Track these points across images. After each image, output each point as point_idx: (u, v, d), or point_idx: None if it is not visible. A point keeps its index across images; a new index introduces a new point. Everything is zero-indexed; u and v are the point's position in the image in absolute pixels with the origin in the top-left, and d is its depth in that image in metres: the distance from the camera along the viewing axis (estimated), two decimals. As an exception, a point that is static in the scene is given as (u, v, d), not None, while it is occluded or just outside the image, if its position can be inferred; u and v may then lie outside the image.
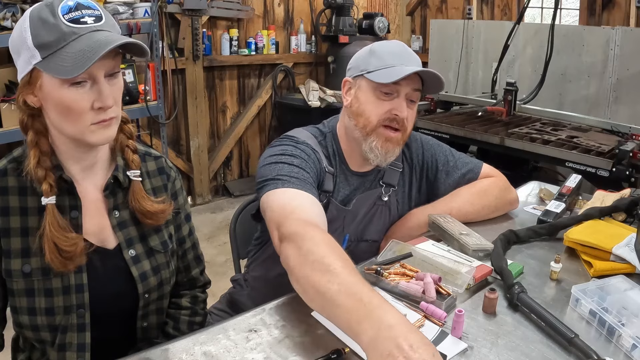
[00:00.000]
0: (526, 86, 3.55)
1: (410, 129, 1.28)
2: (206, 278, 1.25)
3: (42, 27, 0.84)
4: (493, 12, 4.49)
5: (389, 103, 1.22)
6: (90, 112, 0.89)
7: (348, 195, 1.31)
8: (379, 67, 1.21)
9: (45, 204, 0.91)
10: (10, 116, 2.57)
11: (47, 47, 0.84)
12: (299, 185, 1.10)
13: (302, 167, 1.16)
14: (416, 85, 1.23)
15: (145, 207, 1.02)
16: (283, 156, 1.18)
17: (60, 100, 0.87)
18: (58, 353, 0.97)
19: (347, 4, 4.28)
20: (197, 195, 4.15)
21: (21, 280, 0.94)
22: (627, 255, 1.11)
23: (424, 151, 1.42)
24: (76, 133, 0.90)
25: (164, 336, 1.12)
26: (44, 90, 0.88)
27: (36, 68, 0.86)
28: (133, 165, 1.03)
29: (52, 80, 0.86)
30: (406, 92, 1.22)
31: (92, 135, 0.91)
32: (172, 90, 3.79)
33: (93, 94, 0.88)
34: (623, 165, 2.33)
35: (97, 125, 0.90)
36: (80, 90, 0.87)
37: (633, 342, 0.86)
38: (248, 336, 0.92)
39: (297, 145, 1.23)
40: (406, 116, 1.23)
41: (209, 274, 1.28)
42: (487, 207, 1.39)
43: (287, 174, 1.12)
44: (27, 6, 2.52)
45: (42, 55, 0.85)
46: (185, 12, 3.71)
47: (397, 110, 1.21)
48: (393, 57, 1.22)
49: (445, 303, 0.98)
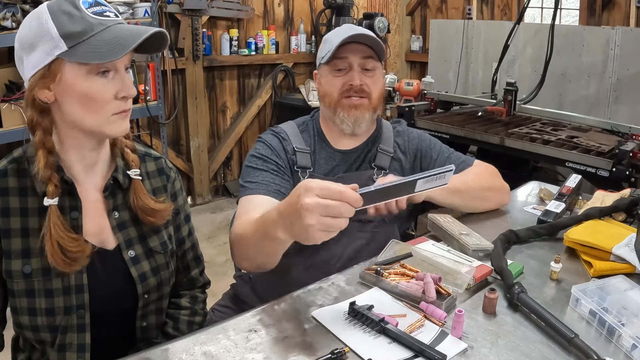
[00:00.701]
0: (526, 86, 3.55)
1: (378, 93, 1.36)
2: (206, 278, 1.25)
3: (67, 19, 0.86)
4: (493, 12, 4.49)
5: (343, 77, 1.33)
6: (112, 102, 0.91)
7: (332, 170, 1.38)
8: (328, 51, 1.33)
9: (48, 205, 0.91)
10: (10, 116, 2.57)
11: (74, 37, 0.86)
12: (256, 190, 1.26)
13: (265, 167, 1.31)
14: (365, 54, 1.33)
15: (147, 204, 1.02)
16: (253, 158, 1.34)
17: (85, 91, 0.88)
18: (58, 353, 0.97)
19: (347, 4, 4.28)
20: (197, 195, 4.15)
21: (21, 281, 0.94)
22: (627, 255, 1.11)
23: (419, 141, 1.47)
24: (96, 125, 0.92)
25: (163, 336, 1.12)
26: (66, 82, 0.88)
27: (58, 59, 0.87)
28: (133, 164, 1.04)
29: (77, 70, 0.87)
30: (357, 62, 1.32)
31: (112, 127, 0.93)
32: (172, 90, 3.79)
33: (116, 83, 0.91)
34: (623, 165, 2.33)
35: (117, 115, 0.93)
36: (104, 80, 0.90)
37: (633, 342, 0.86)
38: (248, 336, 0.92)
39: (266, 139, 1.38)
40: (360, 83, 1.32)
41: (209, 274, 1.28)
42: (479, 188, 1.39)
43: (250, 180, 1.29)
44: (27, 6, 2.52)
45: (68, 45, 0.86)
46: (185, 12, 3.72)
47: (350, 80, 1.32)
48: (337, 36, 1.31)
49: (445, 303, 0.98)
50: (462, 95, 3.92)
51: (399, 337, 0.88)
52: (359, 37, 1.29)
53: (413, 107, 3.31)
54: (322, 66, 1.37)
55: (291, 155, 1.35)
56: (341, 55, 1.31)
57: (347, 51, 1.31)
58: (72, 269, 0.93)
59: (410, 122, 3.22)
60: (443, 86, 4.21)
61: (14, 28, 2.49)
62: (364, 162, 1.40)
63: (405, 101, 3.59)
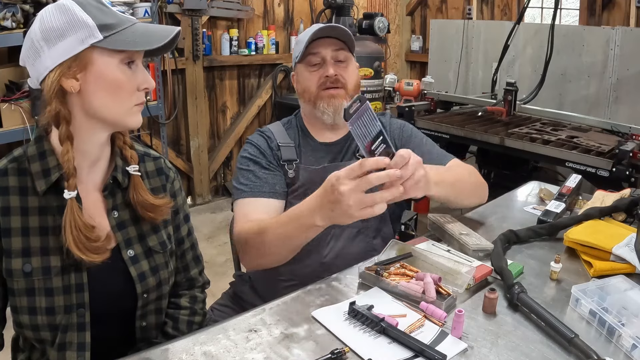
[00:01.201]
0: (526, 86, 3.55)
1: (353, 83, 1.40)
2: (205, 278, 1.25)
3: (99, 12, 0.91)
4: (493, 12, 4.49)
5: (318, 71, 1.37)
6: (136, 93, 0.96)
7: (317, 161, 1.41)
8: (300, 50, 1.37)
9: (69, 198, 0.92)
10: (11, 116, 2.57)
11: (109, 28, 0.90)
12: (250, 193, 1.31)
13: (254, 168, 1.35)
14: (336, 46, 1.37)
15: (147, 199, 1.03)
16: (243, 160, 1.38)
17: (116, 79, 0.92)
18: (58, 353, 0.97)
19: (347, 4, 4.27)
20: (197, 195, 4.15)
21: (22, 280, 0.94)
22: (627, 255, 1.11)
23: (401, 132, 1.47)
24: (119, 114, 0.95)
25: (163, 336, 1.12)
26: (96, 71, 0.91)
27: (88, 48, 0.89)
28: (132, 160, 1.04)
29: (109, 59, 0.91)
30: (330, 55, 1.36)
31: (132, 117, 0.97)
32: (172, 90, 3.79)
33: (139, 76, 0.95)
34: (623, 165, 2.33)
35: (138, 107, 0.97)
36: (131, 71, 0.94)
37: (633, 342, 0.86)
38: (248, 336, 0.92)
39: (252, 140, 1.41)
40: (334, 73, 1.35)
41: (209, 274, 1.28)
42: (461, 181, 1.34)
43: (244, 182, 1.33)
44: (27, 6, 2.52)
45: (103, 34, 0.89)
46: (185, 12, 3.71)
47: (325, 72, 1.36)
48: (307, 34, 1.36)
49: (445, 303, 0.98)
50: (462, 95, 3.92)
51: (399, 337, 0.88)
52: (327, 30, 1.34)
53: (413, 107, 3.31)
54: (298, 65, 1.41)
55: (276, 151, 1.39)
56: (313, 51, 1.36)
57: (318, 46, 1.36)
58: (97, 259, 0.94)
59: (410, 122, 3.22)
60: (443, 86, 4.21)
61: (14, 28, 2.49)
62: (347, 154, 1.43)
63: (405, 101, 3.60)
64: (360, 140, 0.92)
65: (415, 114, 3.30)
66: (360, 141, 0.92)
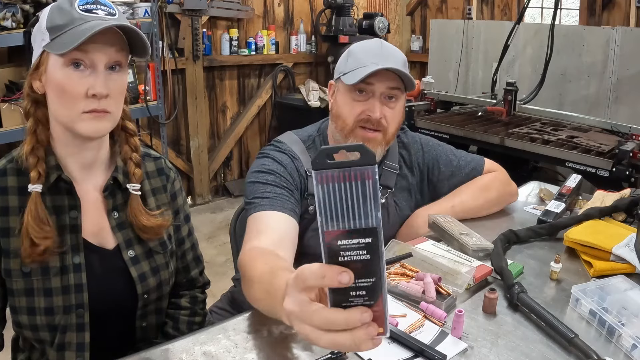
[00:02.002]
0: (526, 86, 3.55)
1: (395, 127, 1.26)
2: (205, 279, 1.25)
3: (57, 13, 0.89)
4: (493, 12, 4.49)
5: (363, 104, 1.21)
6: (84, 99, 0.90)
7: None
8: (354, 68, 1.19)
9: (31, 191, 0.91)
10: (11, 116, 2.57)
11: (57, 30, 0.88)
12: (270, 206, 1.12)
13: (277, 183, 1.18)
14: (392, 84, 1.20)
15: (141, 221, 1.02)
16: (260, 174, 1.19)
17: (59, 81, 0.89)
18: (57, 353, 0.97)
19: (347, 4, 4.28)
20: (197, 195, 4.15)
21: (21, 280, 0.94)
22: (627, 255, 1.11)
23: (424, 153, 1.42)
24: (68, 120, 0.91)
25: (163, 336, 1.12)
26: (48, 73, 0.91)
27: (45, 51, 0.90)
28: (134, 178, 1.03)
29: (55, 61, 0.89)
30: (381, 91, 1.20)
31: (82, 125, 0.91)
32: (172, 90, 3.79)
33: (90, 80, 0.89)
34: (623, 165, 2.33)
35: (88, 114, 0.90)
36: (78, 74, 0.89)
37: (633, 342, 0.86)
38: (248, 336, 0.92)
39: (275, 156, 1.23)
40: (380, 116, 1.20)
41: (209, 274, 1.28)
42: (490, 201, 1.43)
43: (260, 195, 1.14)
44: (27, 6, 2.52)
45: (51, 37, 0.89)
46: (185, 12, 3.71)
47: (370, 110, 1.20)
48: (368, 55, 1.20)
49: (445, 303, 0.98)
50: (462, 95, 3.92)
51: (399, 337, 0.88)
52: (391, 68, 1.17)
53: (413, 107, 3.31)
54: (340, 81, 1.23)
55: (304, 179, 1.24)
56: (368, 81, 1.18)
57: (373, 76, 1.17)
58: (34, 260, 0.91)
59: (410, 122, 3.22)
60: (443, 86, 4.21)
61: (14, 28, 2.49)
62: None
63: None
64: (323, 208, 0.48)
65: (415, 114, 3.30)
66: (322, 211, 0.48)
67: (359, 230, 0.48)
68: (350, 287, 0.49)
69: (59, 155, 0.97)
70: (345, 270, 0.48)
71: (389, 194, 1.36)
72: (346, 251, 0.49)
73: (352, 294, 0.50)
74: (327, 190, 0.48)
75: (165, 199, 1.11)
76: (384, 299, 0.51)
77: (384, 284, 0.50)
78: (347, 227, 0.48)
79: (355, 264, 0.49)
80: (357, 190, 0.48)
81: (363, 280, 0.50)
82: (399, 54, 1.23)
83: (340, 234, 0.49)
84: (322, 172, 0.48)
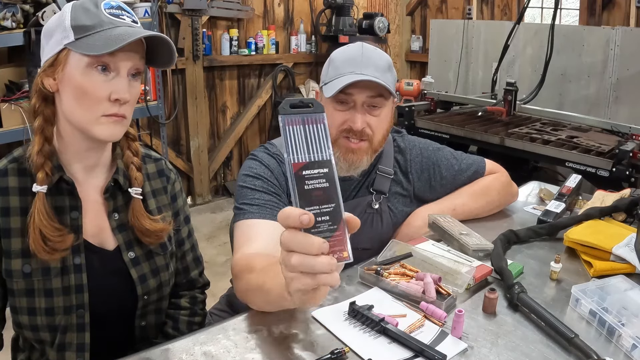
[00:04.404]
0: (526, 86, 3.55)
1: (381, 134, 1.23)
2: (205, 279, 1.25)
3: (83, 13, 0.89)
4: (493, 12, 4.49)
5: (345, 114, 1.19)
6: (105, 103, 0.90)
7: None
8: (333, 78, 1.18)
9: (37, 192, 0.91)
10: (11, 116, 2.57)
11: (83, 30, 0.88)
12: (259, 214, 1.12)
13: (264, 189, 1.17)
14: (372, 93, 1.17)
15: (144, 225, 1.02)
16: (248, 178, 1.19)
17: (81, 83, 0.89)
18: (57, 353, 0.97)
19: (347, 4, 4.28)
20: (197, 195, 4.15)
21: (21, 281, 0.94)
22: (627, 255, 1.11)
23: (423, 158, 1.38)
24: (85, 122, 0.91)
25: (163, 336, 1.12)
26: (68, 72, 0.90)
27: (65, 49, 0.89)
28: (136, 183, 1.03)
29: (79, 62, 0.89)
30: (362, 100, 1.17)
31: (99, 128, 0.92)
32: (172, 90, 3.80)
33: (113, 85, 0.90)
34: (623, 165, 2.33)
35: (107, 117, 0.91)
36: (102, 78, 0.90)
37: (633, 342, 0.86)
38: (248, 336, 0.92)
39: (263, 159, 1.22)
40: (361, 127, 1.17)
41: (209, 275, 1.28)
42: (491, 202, 1.43)
43: (250, 202, 1.14)
44: (27, 6, 2.52)
45: (75, 36, 0.88)
46: (185, 12, 3.71)
47: (351, 121, 1.18)
48: (345, 65, 1.18)
49: (445, 303, 0.98)
50: (462, 95, 3.92)
51: (399, 337, 0.88)
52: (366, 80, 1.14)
53: (413, 107, 3.31)
54: (324, 90, 1.21)
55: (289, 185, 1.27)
56: (346, 91, 1.16)
57: (352, 87, 1.15)
58: (52, 258, 0.92)
59: (410, 122, 3.22)
60: (443, 86, 4.21)
61: (14, 28, 2.49)
62: (362, 188, 1.32)
63: (405, 101, 3.60)
64: (289, 146, 0.63)
65: (415, 114, 3.30)
66: (289, 149, 0.63)
67: (318, 162, 0.63)
68: (316, 214, 0.62)
69: (61, 156, 0.97)
70: (306, 212, 0.61)
71: (383, 199, 1.33)
72: (310, 179, 0.63)
73: (318, 219, 0.62)
74: (291, 131, 0.63)
75: (166, 200, 1.11)
76: (343, 225, 0.64)
77: (342, 211, 0.64)
78: (308, 159, 0.63)
79: (317, 191, 0.63)
80: (313, 130, 0.64)
81: (325, 206, 0.63)
82: (381, 59, 1.20)
83: (304, 165, 0.63)
84: (287, 116, 0.64)
